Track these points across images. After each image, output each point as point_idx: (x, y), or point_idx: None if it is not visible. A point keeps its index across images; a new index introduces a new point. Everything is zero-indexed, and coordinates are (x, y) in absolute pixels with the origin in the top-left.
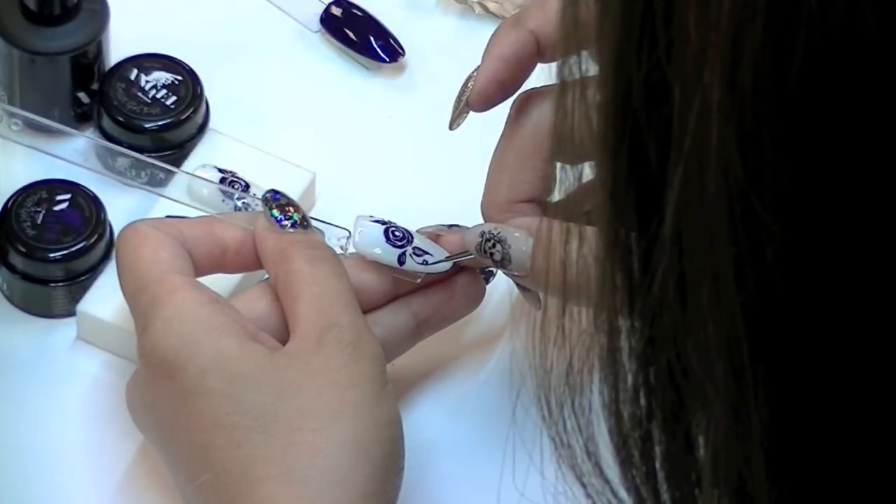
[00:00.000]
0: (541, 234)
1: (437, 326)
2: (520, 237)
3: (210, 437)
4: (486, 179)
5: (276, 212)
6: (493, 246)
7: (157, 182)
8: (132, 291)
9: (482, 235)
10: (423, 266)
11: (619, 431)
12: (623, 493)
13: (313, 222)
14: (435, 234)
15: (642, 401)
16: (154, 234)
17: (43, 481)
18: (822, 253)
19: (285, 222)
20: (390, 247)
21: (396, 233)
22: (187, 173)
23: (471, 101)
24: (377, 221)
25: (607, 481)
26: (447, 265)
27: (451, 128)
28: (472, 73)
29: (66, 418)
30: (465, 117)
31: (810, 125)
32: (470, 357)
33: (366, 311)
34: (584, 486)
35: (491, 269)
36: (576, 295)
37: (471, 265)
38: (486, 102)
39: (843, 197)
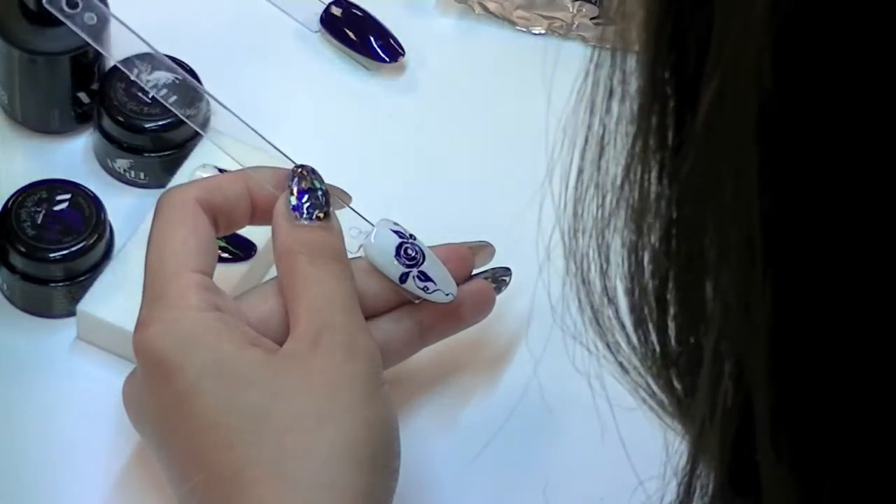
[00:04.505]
0: None
1: (443, 334)
2: None
3: (204, 439)
4: None
5: (293, 199)
6: None
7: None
8: (151, 269)
9: None
10: (422, 291)
11: (636, 284)
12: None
13: (342, 211)
14: (467, 248)
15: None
16: (193, 218)
17: (42, 481)
18: (848, 165)
19: (302, 211)
20: (398, 262)
21: (410, 251)
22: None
23: None
24: (398, 232)
25: (623, 325)
26: (448, 297)
27: None
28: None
29: (66, 418)
30: None
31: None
32: (474, 360)
33: (371, 316)
34: (597, 319)
35: (503, 278)
36: None
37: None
38: None
39: (876, 113)
